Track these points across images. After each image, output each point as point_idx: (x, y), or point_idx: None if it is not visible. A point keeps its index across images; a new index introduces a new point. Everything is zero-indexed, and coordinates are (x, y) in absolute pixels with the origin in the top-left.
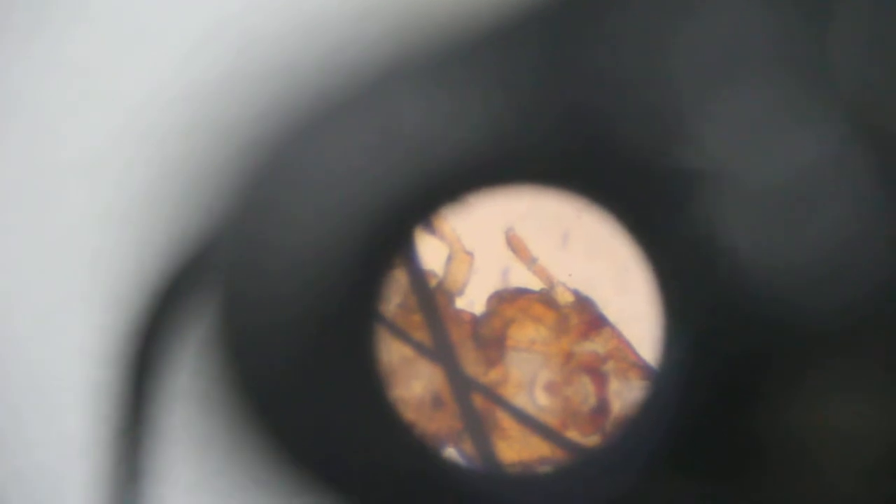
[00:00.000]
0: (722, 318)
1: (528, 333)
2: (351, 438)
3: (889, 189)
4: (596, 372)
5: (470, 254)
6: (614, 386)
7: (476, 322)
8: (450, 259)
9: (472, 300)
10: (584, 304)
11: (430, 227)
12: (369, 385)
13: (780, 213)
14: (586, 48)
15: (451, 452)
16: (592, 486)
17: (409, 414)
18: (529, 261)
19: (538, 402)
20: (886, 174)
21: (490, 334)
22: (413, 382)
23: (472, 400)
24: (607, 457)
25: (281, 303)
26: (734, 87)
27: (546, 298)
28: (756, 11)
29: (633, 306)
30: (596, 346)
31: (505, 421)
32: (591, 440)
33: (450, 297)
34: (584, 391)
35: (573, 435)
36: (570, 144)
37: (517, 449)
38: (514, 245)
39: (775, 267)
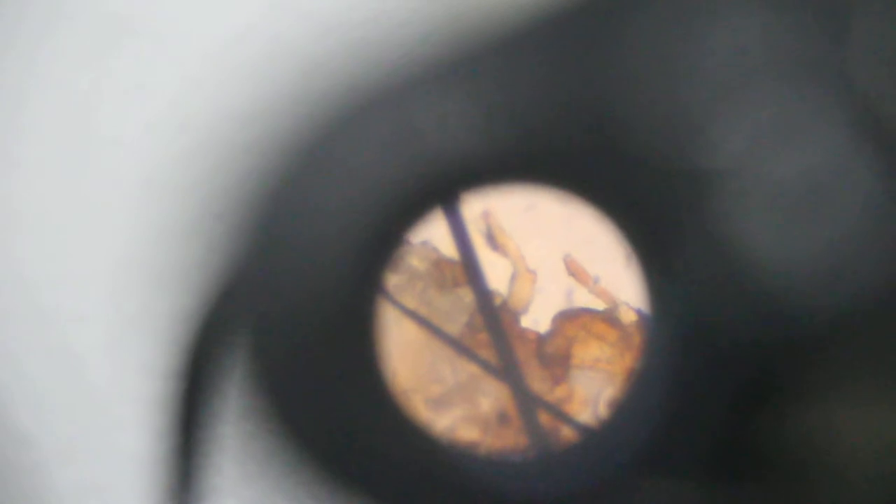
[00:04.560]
0: (734, 316)
1: (592, 352)
2: (357, 432)
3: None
4: None
5: (533, 273)
6: None
7: (540, 340)
8: (514, 278)
9: (537, 319)
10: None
11: (450, 212)
12: (374, 379)
13: (791, 212)
14: (602, 51)
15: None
16: (581, 475)
17: (476, 432)
18: (590, 283)
19: (603, 419)
20: (894, 176)
21: (554, 352)
22: (480, 400)
23: (537, 417)
24: (597, 446)
25: (295, 300)
26: (747, 89)
27: (609, 317)
28: (771, 14)
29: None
30: None
31: (570, 438)
32: None
33: (515, 315)
34: None
35: None
36: (584, 147)
37: None
38: (574, 270)
39: (787, 265)
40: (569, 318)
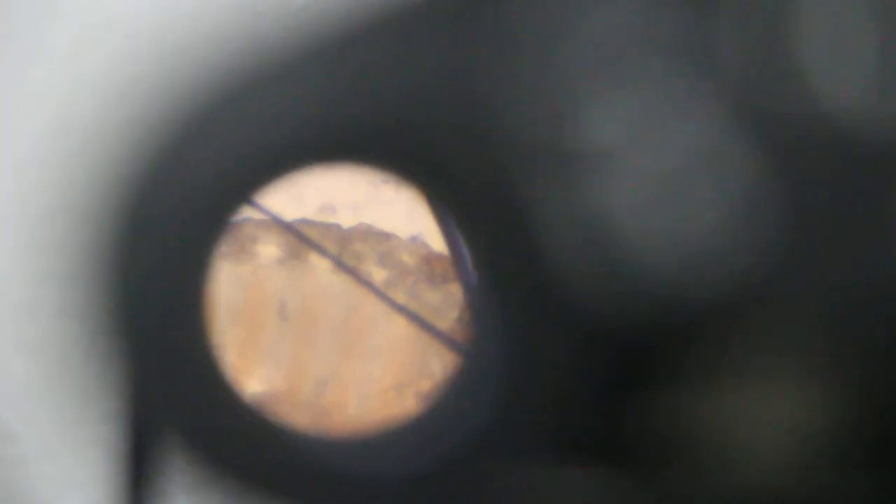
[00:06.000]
0: (602, 299)
1: None
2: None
3: (771, 174)
4: None
5: None
6: None
7: None
8: None
9: None
10: None
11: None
12: (201, 352)
13: (664, 196)
14: (473, 30)
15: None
16: (419, 454)
17: None
18: None
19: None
20: (769, 159)
21: None
22: None
23: None
24: (437, 426)
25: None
26: (620, 71)
27: None
28: (647, 3)
29: None
30: None
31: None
32: None
33: None
34: None
35: None
36: (447, 129)
37: None
38: None
39: (659, 250)
40: None
